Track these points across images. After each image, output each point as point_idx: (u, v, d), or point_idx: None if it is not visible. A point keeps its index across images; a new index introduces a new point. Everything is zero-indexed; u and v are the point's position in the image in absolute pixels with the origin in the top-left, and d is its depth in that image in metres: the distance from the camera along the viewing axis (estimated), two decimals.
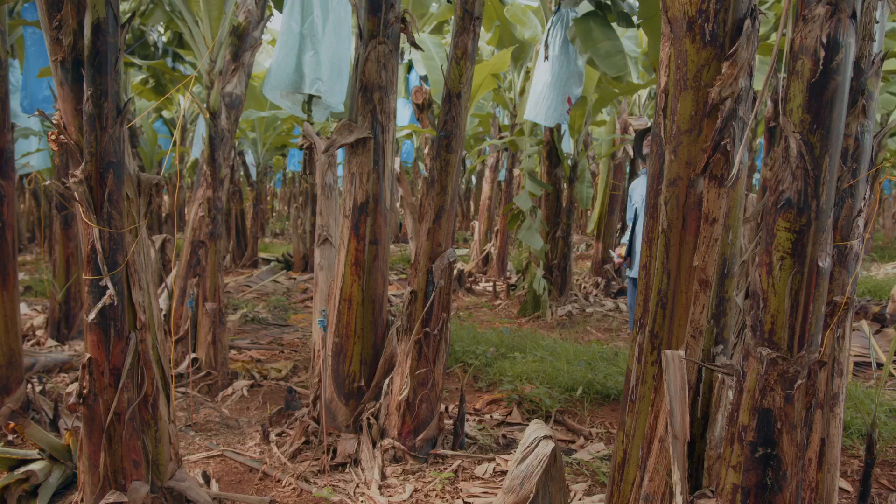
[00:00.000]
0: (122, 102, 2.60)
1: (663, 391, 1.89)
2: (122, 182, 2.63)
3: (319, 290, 4.35)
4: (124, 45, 2.63)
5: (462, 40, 3.66)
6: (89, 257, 2.60)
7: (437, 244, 3.76)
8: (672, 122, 1.86)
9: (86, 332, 2.65)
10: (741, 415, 1.70)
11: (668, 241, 1.90)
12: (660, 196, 1.91)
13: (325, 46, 5.80)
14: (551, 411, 4.98)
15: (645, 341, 1.99)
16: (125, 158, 2.64)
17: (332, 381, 4.04)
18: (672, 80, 1.86)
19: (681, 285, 1.89)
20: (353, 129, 3.95)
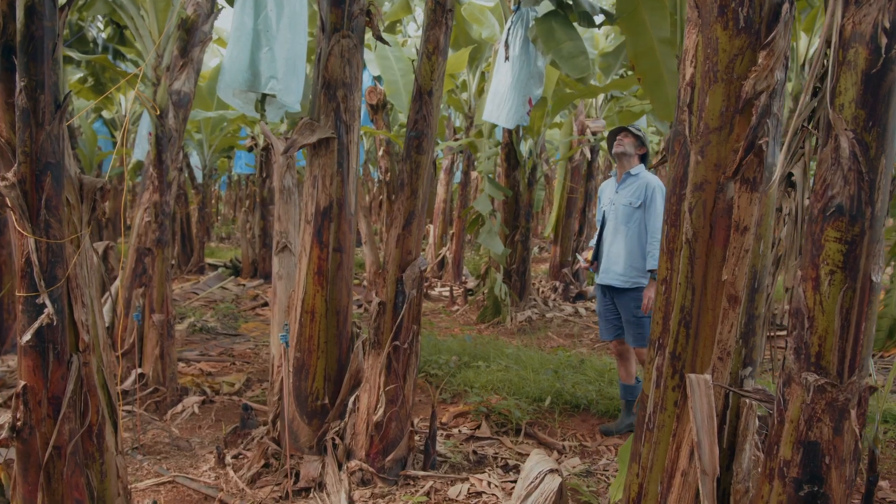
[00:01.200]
0: (60, 96, 2.29)
1: (687, 420, 1.69)
2: (61, 186, 2.32)
3: (278, 301, 4.06)
4: (63, 31, 2.33)
5: (433, 34, 3.43)
6: (24, 271, 2.29)
7: (408, 252, 3.52)
8: (699, 118, 1.67)
9: (20, 357, 2.33)
10: (783, 448, 1.51)
11: (693, 252, 1.70)
12: (683, 202, 1.71)
13: (280, 43, 5.49)
14: (521, 424, 4.79)
15: (665, 364, 1.79)
16: (65, 159, 2.34)
17: (294, 398, 3.76)
18: (700, 72, 1.67)
19: (707, 301, 1.70)
20: (315, 129, 3.69)
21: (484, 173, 7.96)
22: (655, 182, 4.66)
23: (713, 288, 1.69)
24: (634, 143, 4.77)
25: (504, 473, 3.99)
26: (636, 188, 4.69)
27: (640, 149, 4.80)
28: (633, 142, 4.77)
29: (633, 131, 4.82)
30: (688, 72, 1.70)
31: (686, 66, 1.71)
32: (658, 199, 4.56)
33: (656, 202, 4.56)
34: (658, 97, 3.94)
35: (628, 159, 4.78)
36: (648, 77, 3.93)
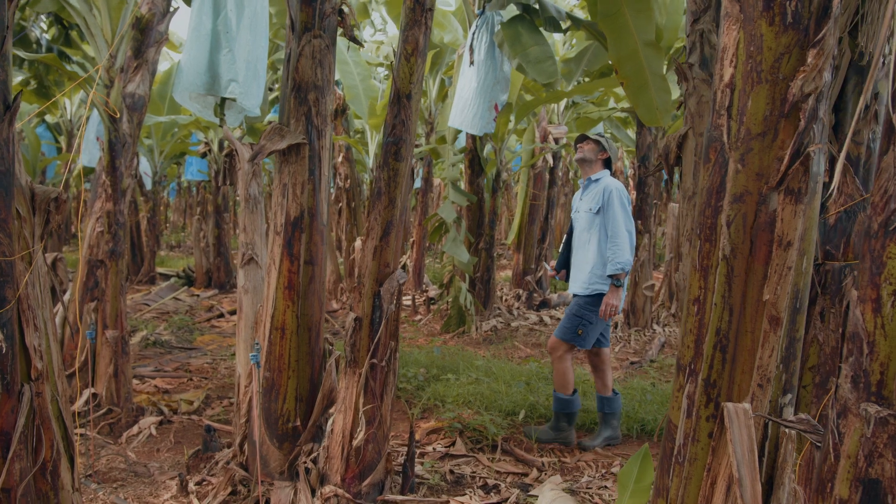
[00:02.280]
0: (10, 95, 2.05)
1: (723, 453, 1.54)
2: (10, 196, 2.08)
3: (244, 317, 3.83)
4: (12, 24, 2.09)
5: (412, 34, 3.25)
6: None
7: (385, 264, 3.33)
8: (739, 123, 1.52)
9: None
10: (838, 486, 1.36)
11: (732, 269, 1.55)
12: (720, 215, 1.56)
13: (241, 44, 5.24)
14: (496, 440, 4.62)
15: (697, 391, 1.63)
16: (15, 167, 2.09)
17: (264, 421, 3.53)
18: (741, 73, 1.52)
19: (745, 323, 1.55)
20: (285, 135, 3.47)
21: (448, 180, 7.80)
22: (612, 185, 4.59)
23: (752, 308, 1.54)
24: (595, 149, 4.74)
25: (485, 494, 3.82)
26: (595, 194, 4.65)
27: (601, 154, 4.76)
28: (593, 148, 4.74)
29: (593, 137, 4.78)
30: (726, 72, 1.56)
31: (724, 67, 1.56)
32: (615, 202, 4.50)
33: (613, 205, 4.50)
34: (642, 101, 3.83)
35: (589, 165, 4.76)
36: (633, 81, 3.81)
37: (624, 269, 4.41)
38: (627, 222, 4.50)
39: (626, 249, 4.42)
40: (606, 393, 4.74)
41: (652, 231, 7.93)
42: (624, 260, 4.40)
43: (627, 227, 4.49)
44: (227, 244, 11.32)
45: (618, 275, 4.42)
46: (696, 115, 2.65)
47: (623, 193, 4.59)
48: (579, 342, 4.58)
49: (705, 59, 2.68)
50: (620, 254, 4.41)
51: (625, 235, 4.44)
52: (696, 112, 2.65)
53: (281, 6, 8.33)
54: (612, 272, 4.43)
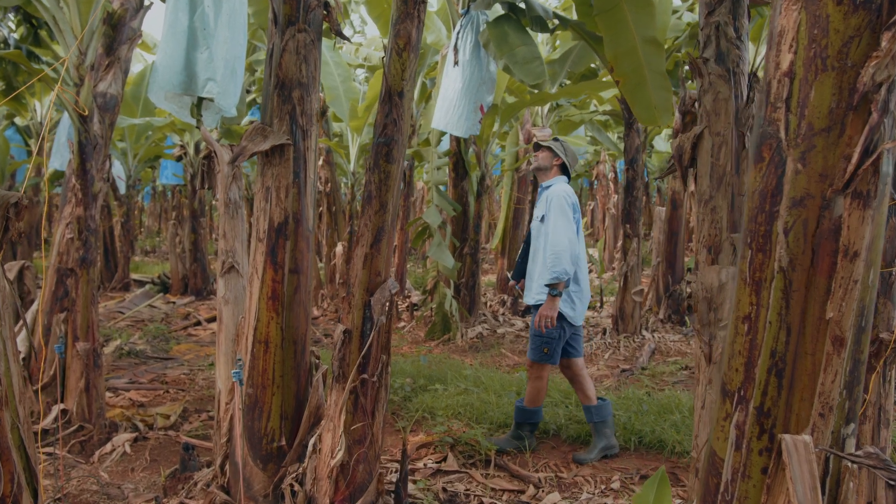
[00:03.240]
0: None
1: (779, 491, 1.36)
2: None
3: (225, 329, 3.60)
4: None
5: (404, 28, 3.05)
6: None
7: (376, 273, 3.12)
8: (800, 117, 1.34)
9: None
10: None
11: (789, 283, 1.37)
12: (776, 221, 1.38)
13: (219, 42, 5.01)
14: (489, 454, 4.43)
15: (748, 421, 1.45)
16: None
17: (247, 440, 3.31)
18: (802, 59, 1.34)
19: (805, 344, 1.37)
20: (267, 135, 3.25)
21: (433, 184, 7.60)
22: (556, 192, 4.47)
23: (813, 327, 1.37)
24: (549, 157, 4.64)
25: None
26: (542, 201, 4.57)
27: (555, 160, 4.65)
28: (547, 155, 4.65)
29: (545, 144, 4.68)
30: (784, 59, 1.38)
31: (781, 53, 1.38)
32: (554, 209, 4.39)
33: (552, 212, 4.39)
34: (640, 101, 3.66)
35: (544, 173, 4.68)
36: (630, 80, 3.65)
37: (559, 278, 4.28)
38: (568, 230, 4.34)
39: (563, 258, 4.27)
40: (591, 402, 4.59)
41: (640, 235, 7.78)
42: (559, 269, 4.26)
43: (568, 234, 4.33)
44: (204, 250, 11.04)
45: (555, 284, 4.30)
46: (713, 113, 2.48)
47: (567, 200, 4.44)
48: (548, 359, 4.49)
49: (721, 54, 2.51)
50: (557, 262, 4.27)
51: (563, 244, 4.29)
52: (712, 110, 2.49)
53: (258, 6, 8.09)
54: (549, 281, 4.31)
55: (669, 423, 4.75)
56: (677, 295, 8.53)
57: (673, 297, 8.55)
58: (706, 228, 2.47)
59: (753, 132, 1.46)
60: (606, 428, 4.50)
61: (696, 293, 2.50)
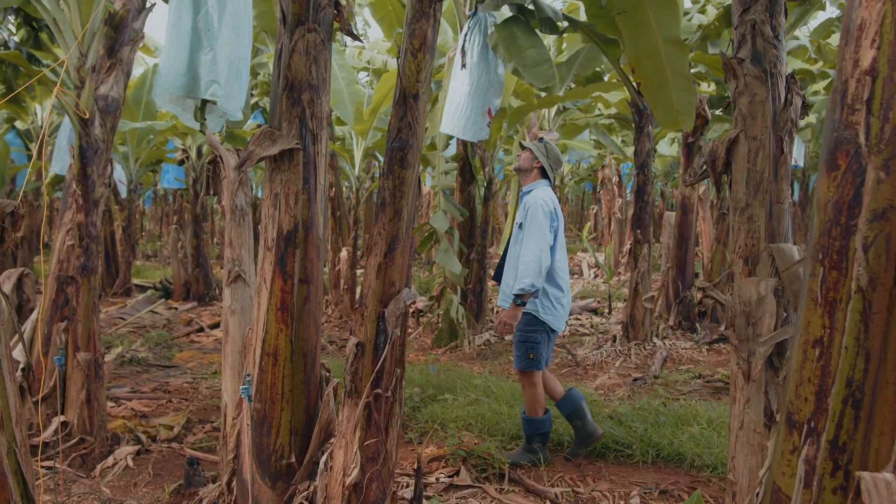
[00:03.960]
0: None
1: None
2: None
3: (231, 341, 3.47)
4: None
5: (420, 27, 2.92)
6: None
7: (391, 283, 2.99)
8: (883, 120, 1.20)
9: None
10: None
11: (869, 304, 1.24)
12: (853, 236, 1.25)
13: (223, 43, 4.90)
14: (503, 468, 4.29)
15: (820, 456, 1.32)
16: None
17: (255, 457, 3.17)
18: (886, 55, 1.21)
19: (886, 372, 1.23)
20: (276, 139, 3.12)
21: (441, 188, 7.47)
22: (535, 199, 4.37)
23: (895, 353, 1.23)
24: (529, 158, 4.56)
25: None
26: (521, 207, 4.49)
27: (535, 162, 4.56)
28: (528, 156, 4.57)
29: (527, 145, 4.61)
30: (865, 56, 1.25)
31: (861, 49, 1.25)
32: (529, 218, 4.31)
33: (528, 220, 4.31)
34: (661, 103, 3.54)
35: (525, 175, 4.59)
36: (651, 81, 3.52)
37: (526, 290, 4.22)
38: (541, 240, 4.26)
39: (532, 269, 4.20)
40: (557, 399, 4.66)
41: (651, 241, 7.64)
42: (527, 283, 4.20)
43: (541, 245, 4.25)
44: (206, 255, 10.91)
45: (521, 294, 4.24)
46: (749, 116, 2.35)
47: (545, 209, 4.34)
48: (535, 366, 4.42)
49: (757, 53, 2.38)
50: (527, 273, 4.20)
51: (534, 254, 4.21)
52: (748, 113, 2.35)
53: (261, 8, 7.98)
54: (517, 291, 4.25)
55: (687, 435, 4.62)
56: (688, 301, 8.40)
57: (683, 303, 8.42)
58: (742, 238, 2.34)
59: (825, 137, 1.33)
60: (539, 443, 4.46)
61: (733, 307, 2.37)
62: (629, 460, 4.52)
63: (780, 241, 2.27)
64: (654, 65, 3.53)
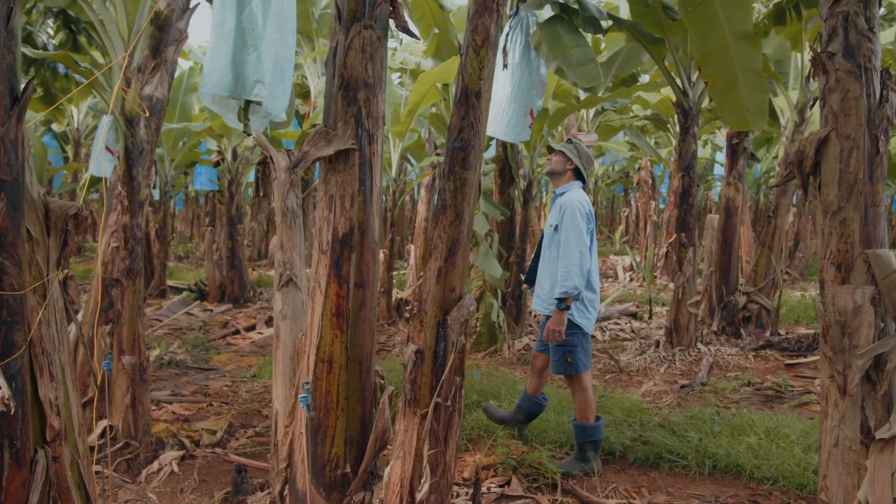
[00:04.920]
0: (18, 85, 1.62)
1: None
2: (20, 213, 1.64)
3: (282, 346, 3.38)
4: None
5: (482, 23, 2.82)
6: None
7: (451, 288, 2.88)
8: None
9: None
10: None
11: None
12: None
13: (267, 43, 4.85)
14: (555, 478, 4.16)
15: None
16: (25, 176, 1.66)
17: (308, 466, 3.08)
18: None
19: None
20: (331, 139, 3.03)
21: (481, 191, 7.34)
22: (569, 201, 4.32)
23: None
24: (562, 160, 4.52)
25: None
26: (556, 209, 4.43)
27: (568, 164, 4.51)
28: (560, 159, 4.52)
29: (558, 148, 4.55)
30: None
31: None
32: (567, 220, 4.25)
33: (566, 223, 4.25)
34: (729, 103, 3.39)
35: (558, 178, 4.54)
36: (719, 80, 3.37)
37: (569, 293, 4.16)
38: (580, 242, 4.22)
39: (574, 272, 4.16)
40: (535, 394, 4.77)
41: (696, 244, 7.47)
42: (569, 285, 4.15)
43: (580, 247, 4.21)
44: (241, 257, 10.90)
45: (564, 298, 4.18)
46: (841, 114, 2.21)
47: (582, 211, 4.30)
48: (574, 369, 4.36)
49: (850, 47, 2.24)
50: (567, 276, 4.16)
51: (575, 256, 4.18)
52: (839, 111, 2.22)
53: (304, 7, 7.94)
54: (558, 295, 4.18)
55: (745, 445, 4.46)
56: (732, 306, 8.20)
57: (727, 308, 8.22)
58: (834, 243, 2.20)
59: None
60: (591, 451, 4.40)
61: (826, 316, 2.23)
62: (684, 471, 4.38)
63: (877, 247, 2.13)
64: (723, 63, 3.38)
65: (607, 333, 8.70)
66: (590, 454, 4.34)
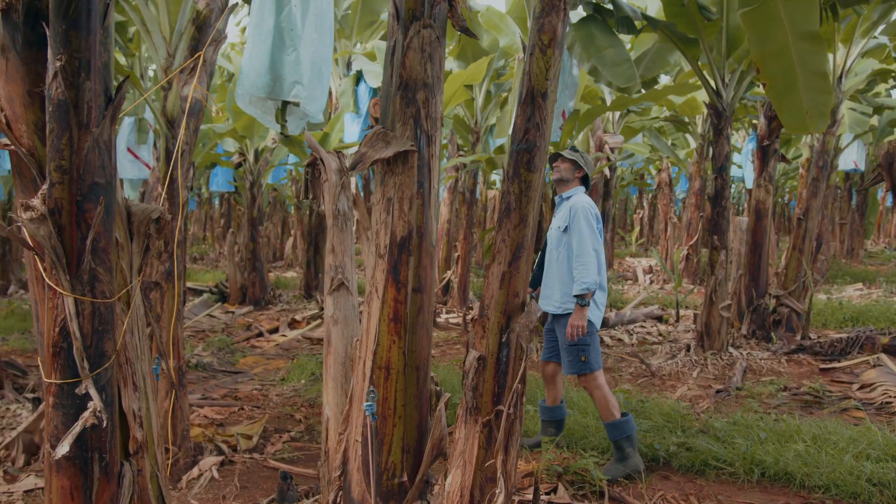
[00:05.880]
0: (112, 84, 1.56)
1: None
2: (111, 217, 1.58)
3: (334, 352, 3.32)
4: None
5: (549, 22, 2.75)
6: (57, 347, 1.54)
7: (514, 293, 2.82)
8: None
9: (49, 475, 1.57)
10: None
11: None
12: None
13: (306, 44, 4.80)
14: (601, 485, 4.09)
15: None
16: (116, 179, 1.59)
17: (364, 475, 3.01)
18: None
19: None
20: (390, 140, 2.96)
21: None
22: (579, 203, 4.45)
23: None
24: (571, 168, 4.63)
25: None
26: (564, 211, 4.52)
27: (577, 172, 4.64)
28: (569, 167, 4.64)
29: (568, 156, 4.67)
30: None
31: None
32: (581, 221, 4.36)
33: (579, 223, 4.35)
34: (789, 105, 3.31)
35: (566, 184, 4.66)
36: (778, 82, 3.29)
37: (589, 289, 4.25)
38: (594, 241, 4.36)
39: (592, 269, 4.27)
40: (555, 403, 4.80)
41: (728, 247, 7.37)
42: (590, 280, 4.25)
43: (594, 245, 4.35)
44: (262, 258, 10.86)
45: (583, 294, 4.26)
46: None
47: (590, 212, 4.44)
48: (588, 368, 4.40)
49: None
50: (586, 273, 4.26)
51: (591, 254, 4.31)
52: None
53: None
54: (578, 292, 4.27)
55: (793, 453, 4.37)
56: (762, 309, 8.09)
57: (757, 311, 8.11)
58: None
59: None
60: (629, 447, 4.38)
61: None
62: (731, 478, 4.29)
63: None
64: (783, 64, 3.29)
65: (634, 336, 8.61)
66: (628, 451, 4.30)
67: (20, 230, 1.49)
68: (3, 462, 4.29)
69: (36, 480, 4.05)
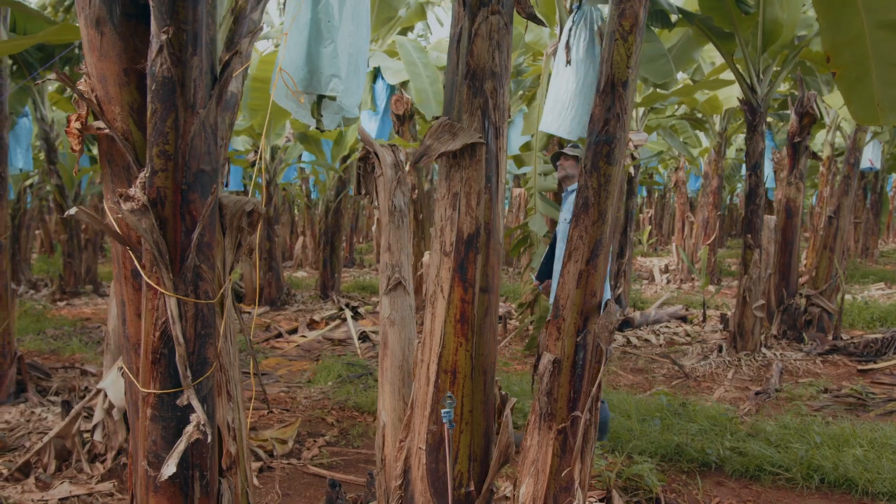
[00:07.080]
0: (217, 61, 1.41)
1: None
2: (216, 209, 1.43)
3: (391, 354, 3.17)
4: None
5: (630, 7, 2.60)
6: (157, 354, 1.39)
7: (591, 293, 2.66)
8: None
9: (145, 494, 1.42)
10: None
11: None
12: None
13: (343, 36, 4.65)
14: (657, 492, 3.94)
15: None
16: (220, 167, 1.45)
17: (429, 485, 2.86)
18: None
19: None
20: (457, 132, 2.81)
21: (537, 191, 7.13)
22: None
23: None
24: (574, 165, 4.72)
25: None
26: (571, 203, 4.50)
27: None
28: (573, 164, 4.74)
29: (571, 154, 4.77)
30: None
31: None
32: None
33: None
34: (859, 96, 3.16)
35: (571, 181, 4.74)
36: (850, 72, 3.14)
37: None
38: None
39: None
40: None
41: (762, 246, 7.23)
42: None
43: None
44: (278, 258, 10.71)
45: None
46: None
47: None
48: None
49: None
50: None
51: None
52: None
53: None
54: None
55: (851, 458, 4.22)
56: (793, 309, 7.94)
57: (788, 311, 7.96)
58: None
59: None
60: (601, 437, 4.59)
61: None
62: (789, 484, 4.14)
63: None
64: (856, 53, 3.15)
65: (661, 337, 8.46)
66: None
67: (116, 224, 1.33)
68: (35, 468, 4.14)
69: (70, 488, 3.90)
